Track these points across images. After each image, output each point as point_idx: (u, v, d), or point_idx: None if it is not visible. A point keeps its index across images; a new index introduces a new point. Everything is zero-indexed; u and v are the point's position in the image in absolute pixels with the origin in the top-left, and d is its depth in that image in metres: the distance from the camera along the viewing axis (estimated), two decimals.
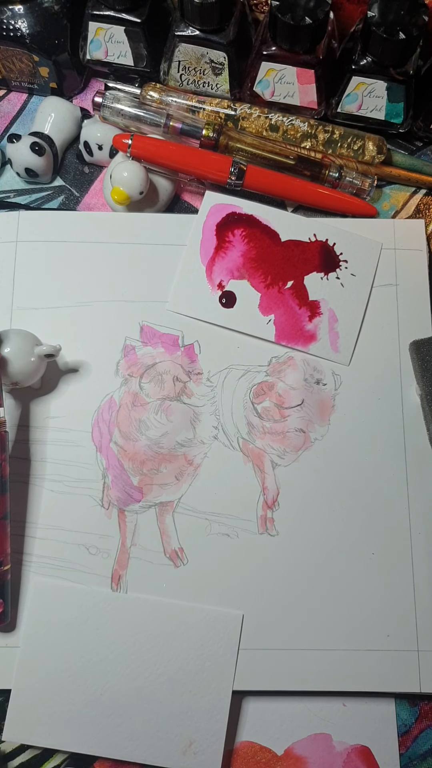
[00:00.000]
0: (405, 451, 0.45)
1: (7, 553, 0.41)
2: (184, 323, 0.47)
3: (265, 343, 0.47)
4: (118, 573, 0.43)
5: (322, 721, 0.42)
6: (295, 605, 0.42)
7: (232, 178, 0.48)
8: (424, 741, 0.42)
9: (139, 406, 0.45)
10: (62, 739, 0.40)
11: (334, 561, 0.43)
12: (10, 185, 0.52)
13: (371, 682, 0.41)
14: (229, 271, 0.48)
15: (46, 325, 0.46)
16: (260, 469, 0.45)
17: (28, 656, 0.41)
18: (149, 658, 0.41)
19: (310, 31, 0.44)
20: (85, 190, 0.52)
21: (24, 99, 0.55)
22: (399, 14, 0.44)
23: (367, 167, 0.51)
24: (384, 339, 0.47)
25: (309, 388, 0.46)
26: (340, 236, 0.48)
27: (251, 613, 0.42)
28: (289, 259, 0.48)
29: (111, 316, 0.47)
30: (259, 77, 0.49)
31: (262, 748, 0.41)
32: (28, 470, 0.44)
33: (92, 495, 0.44)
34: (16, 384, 0.42)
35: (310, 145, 0.51)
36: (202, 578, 0.43)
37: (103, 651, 0.41)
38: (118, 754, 0.40)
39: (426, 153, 0.54)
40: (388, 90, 0.48)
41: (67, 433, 0.45)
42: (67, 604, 0.42)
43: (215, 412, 0.45)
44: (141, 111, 0.49)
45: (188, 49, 0.49)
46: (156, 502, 0.44)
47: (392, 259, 0.48)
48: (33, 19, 0.48)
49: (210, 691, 0.41)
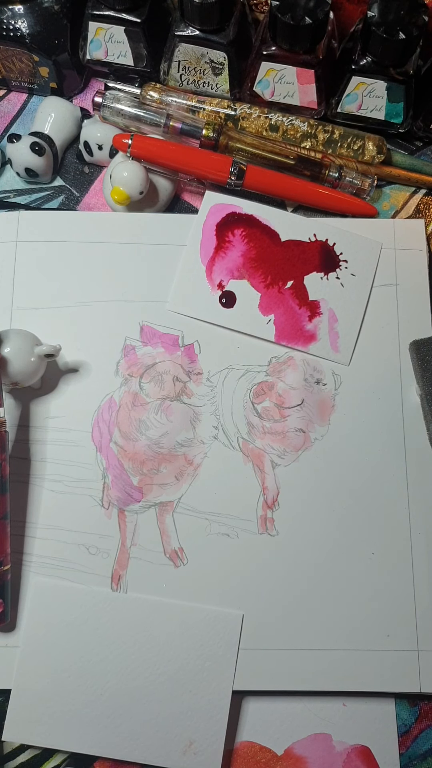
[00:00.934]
0: (405, 451, 0.45)
1: (7, 553, 0.41)
2: (184, 323, 0.47)
3: (265, 343, 0.47)
4: (118, 573, 0.43)
5: (322, 721, 0.42)
6: (295, 605, 0.42)
7: (232, 178, 0.48)
8: (424, 741, 0.42)
9: (139, 406, 0.45)
10: (62, 739, 0.40)
11: (334, 561, 0.43)
12: (10, 185, 0.52)
13: (371, 682, 0.41)
14: (229, 271, 0.48)
15: (46, 325, 0.46)
16: (260, 469, 0.45)
17: (28, 656, 0.41)
18: (149, 658, 0.41)
19: (310, 31, 0.44)
20: (85, 190, 0.52)
21: (24, 99, 0.55)
22: (399, 14, 0.44)
23: (367, 167, 0.51)
24: (384, 339, 0.47)
25: (309, 388, 0.46)
26: (340, 236, 0.48)
27: (251, 613, 0.42)
28: (289, 259, 0.48)
29: (111, 316, 0.47)
30: (259, 77, 0.49)
31: (262, 748, 0.41)
32: (28, 470, 0.44)
33: (92, 495, 0.44)
34: (16, 384, 0.42)
35: (310, 145, 0.51)
36: (202, 578, 0.43)
37: (103, 651, 0.41)
38: (118, 754, 0.40)
39: (426, 153, 0.54)
40: (388, 90, 0.48)
41: (67, 433, 0.45)
42: (67, 604, 0.42)
43: (215, 412, 0.45)
44: (141, 111, 0.49)
45: (188, 49, 0.49)
46: (156, 502, 0.44)
47: (392, 259, 0.48)
48: (33, 19, 0.48)
49: (210, 691, 0.41)
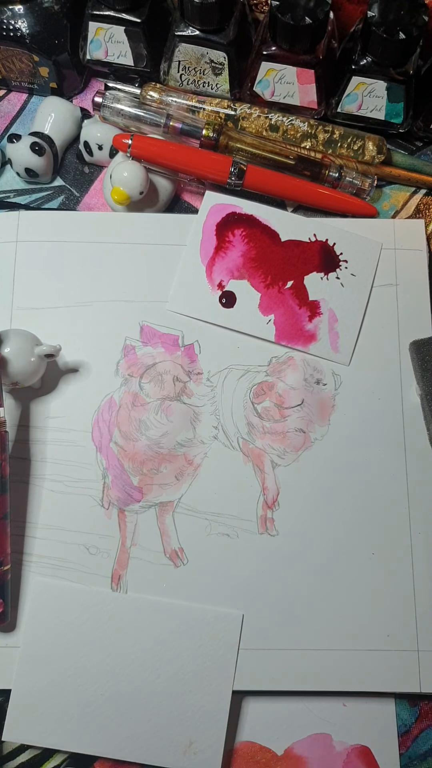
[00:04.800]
0: (405, 451, 0.45)
1: (7, 553, 0.41)
2: (184, 323, 0.47)
3: (265, 343, 0.47)
4: (118, 573, 0.43)
5: (322, 721, 0.42)
6: (295, 605, 0.42)
7: (232, 178, 0.48)
8: (424, 741, 0.42)
9: (139, 406, 0.45)
10: (62, 739, 0.40)
11: (334, 561, 0.43)
12: (10, 185, 0.52)
13: (371, 682, 0.41)
14: (229, 271, 0.48)
15: (46, 325, 0.46)
16: (260, 469, 0.45)
17: (28, 656, 0.41)
18: (149, 658, 0.41)
19: (310, 31, 0.44)
20: (85, 190, 0.52)
21: (24, 99, 0.55)
22: (399, 14, 0.44)
23: (367, 167, 0.51)
24: (384, 339, 0.47)
25: (309, 388, 0.46)
26: (340, 236, 0.48)
27: (251, 613, 0.42)
28: (289, 259, 0.48)
29: (111, 316, 0.47)
30: (259, 77, 0.49)
31: (262, 748, 0.41)
32: (28, 470, 0.44)
33: (92, 495, 0.44)
34: (16, 384, 0.42)
35: (310, 145, 0.51)
36: (202, 578, 0.43)
37: (103, 651, 0.41)
38: (118, 754, 0.40)
39: (426, 153, 0.54)
40: (388, 90, 0.48)
41: (67, 433, 0.45)
42: (67, 604, 0.42)
43: (215, 412, 0.45)
44: (141, 111, 0.49)
45: (188, 49, 0.49)
46: (156, 502, 0.44)
47: (392, 259, 0.48)
48: (33, 19, 0.48)
49: (210, 691, 0.41)
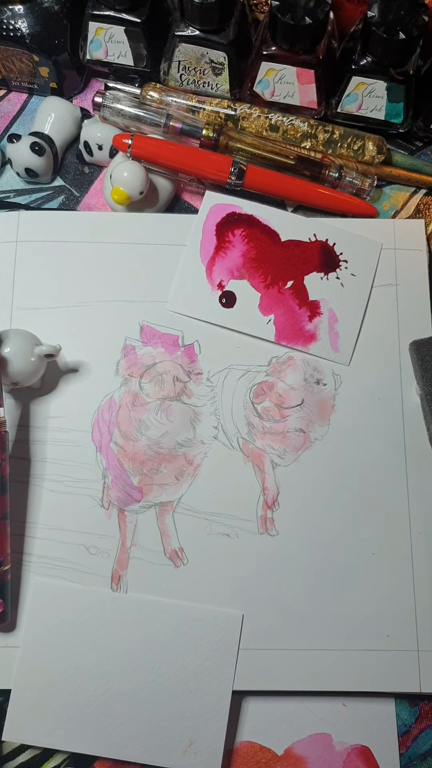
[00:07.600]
0: (405, 451, 0.45)
1: (7, 553, 0.41)
2: (184, 323, 0.47)
3: (265, 343, 0.47)
4: (118, 573, 0.43)
5: (322, 721, 0.42)
6: (295, 605, 0.42)
7: (232, 178, 0.48)
8: (424, 741, 0.42)
9: (139, 406, 0.45)
10: (62, 739, 0.40)
11: (334, 561, 0.43)
12: (10, 185, 0.52)
13: (371, 682, 0.41)
14: (229, 271, 0.48)
15: (46, 325, 0.46)
16: (260, 469, 0.45)
17: (28, 656, 0.41)
18: (149, 658, 0.41)
19: (310, 31, 0.44)
20: (85, 190, 0.52)
21: (24, 99, 0.55)
22: (399, 14, 0.44)
23: (367, 167, 0.51)
24: (384, 339, 0.47)
25: (309, 388, 0.46)
26: (340, 236, 0.48)
27: (251, 613, 0.42)
28: (289, 259, 0.48)
29: (111, 316, 0.47)
30: (259, 77, 0.49)
31: (262, 748, 0.41)
32: (28, 470, 0.44)
33: (92, 495, 0.44)
34: (16, 384, 0.42)
35: (310, 145, 0.51)
36: (202, 578, 0.43)
37: (103, 651, 0.41)
38: (118, 754, 0.40)
39: (426, 153, 0.54)
40: (388, 90, 0.48)
41: (67, 433, 0.45)
42: (67, 604, 0.42)
43: (215, 412, 0.45)
44: (141, 111, 0.49)
45: (188, 49, 0.49)
46: (156, 502, 0.44)
47: (392, 259, 0.48)
48: (33, 19, 0.48)
49: (210, 691, 0.41)
